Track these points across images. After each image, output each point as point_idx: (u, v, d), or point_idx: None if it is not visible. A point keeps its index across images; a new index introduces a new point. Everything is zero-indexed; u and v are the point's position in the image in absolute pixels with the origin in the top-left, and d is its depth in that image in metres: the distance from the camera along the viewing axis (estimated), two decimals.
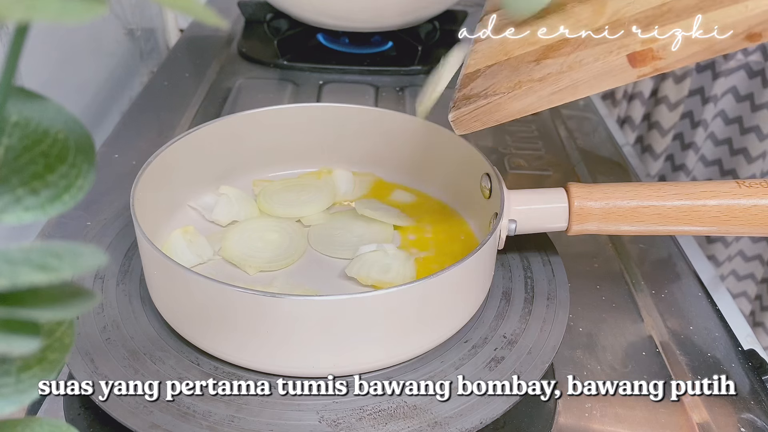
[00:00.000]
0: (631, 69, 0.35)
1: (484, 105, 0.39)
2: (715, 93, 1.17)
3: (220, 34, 0.93)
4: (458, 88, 0.42)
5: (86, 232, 0.48)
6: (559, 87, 0.37)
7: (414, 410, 0.35)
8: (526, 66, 0.39)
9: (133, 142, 0.66)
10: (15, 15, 0.12)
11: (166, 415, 0.34)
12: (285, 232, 0.49)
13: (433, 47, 0.89)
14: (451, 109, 0.41)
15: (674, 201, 0.41)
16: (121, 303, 0.41)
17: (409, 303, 0.36)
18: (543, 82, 0.37)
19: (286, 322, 0.35)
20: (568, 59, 0.37)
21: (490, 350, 0.39)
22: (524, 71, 0.38)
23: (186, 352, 0.38)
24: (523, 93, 0.38)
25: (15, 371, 0.17)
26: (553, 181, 0.63)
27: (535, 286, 0.44)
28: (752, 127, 1.17)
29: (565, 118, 0.76)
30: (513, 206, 0.43)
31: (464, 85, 0.42)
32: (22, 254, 0.15)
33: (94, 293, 0.17)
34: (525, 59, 0.39)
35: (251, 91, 0.78)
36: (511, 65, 0.40)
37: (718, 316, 0.48)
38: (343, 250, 0.47)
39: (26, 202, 0.16)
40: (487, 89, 0.39)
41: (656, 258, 0.55)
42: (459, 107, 0.40)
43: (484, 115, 0.39)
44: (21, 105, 0.16)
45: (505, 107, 0.39)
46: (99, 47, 0.83)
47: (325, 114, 0.54)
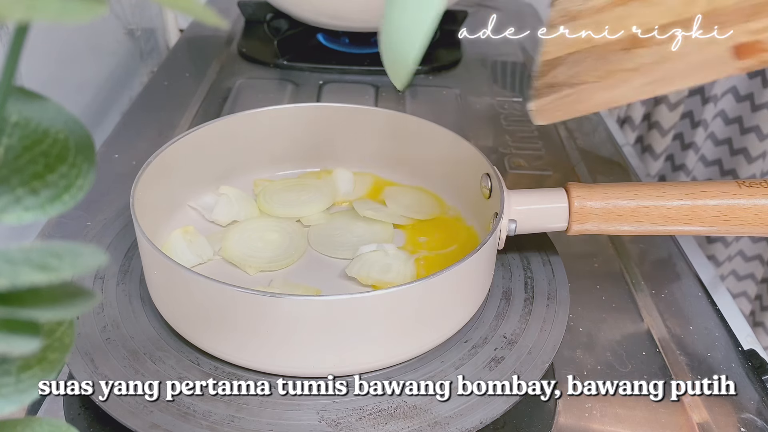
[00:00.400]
0: (735, 61, 0.32)
1: (570, 94, 0.37)
2: (715, 93, 1.17)
3: (220, 34, 0.93)
4: (537, 76, 0.40)
5: (86, 232, 0.48)
6: (654, 78, 0.35)
7: (414, 410, 0.35)
8: (614, 55, 0.36)
9: (133, 142, 0.66)
10: (15, 15, 0.12)
11: (166, 415, 0.34)
12: (285, 232, 0.49)
13: (433, 47, 0.89)
14: (532, 98, 0.38)
15: (674, 201, 0.41)
16: (121, 303, 0.41)
17: (409, 303, 0.36)
18: (636, 72, 0.35)
19: (286, 322, 0.35)
20: (663, 49, 0.34)
21: (490, 350, 0.39)
22: (614, 60, 0.36)
23: (186, 352, 0.38)
24: (615, 83, 0.36)
25: (15, 371, 0.17)
26: (554, 181, 0.63)
27: (535, 286, 0.44)
28: (752, 127, 1.17)
29: None
30: (513, 206, 0.43)
31: (544, 72, 0.39)
32: (22, 254, 0.15)
33: (94, 293, 0.17)
34: (612, 47, 0.37)
35: (251, 91, 0.78)
36: (597, 53, 0.37)
37: (718, 316, 0.48)
38: (344, 250, 0.47)
39: (26, 202, 0.16)
40: (572, 77, 0.37)
41: (656, 258, 0.55)
42: (541, 96, 0.38)
43: (569, 105, 0.37)
44: (21, 105, 0.16)
45: (592, 97, 0.37)
46: (99, 47, 0.83)
47: (325, 114, 0.54)
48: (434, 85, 0.82)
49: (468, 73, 0.86)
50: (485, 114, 0.76)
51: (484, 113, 0.76)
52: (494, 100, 0.79)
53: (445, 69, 0.86)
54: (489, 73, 0.87)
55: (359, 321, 0.36)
